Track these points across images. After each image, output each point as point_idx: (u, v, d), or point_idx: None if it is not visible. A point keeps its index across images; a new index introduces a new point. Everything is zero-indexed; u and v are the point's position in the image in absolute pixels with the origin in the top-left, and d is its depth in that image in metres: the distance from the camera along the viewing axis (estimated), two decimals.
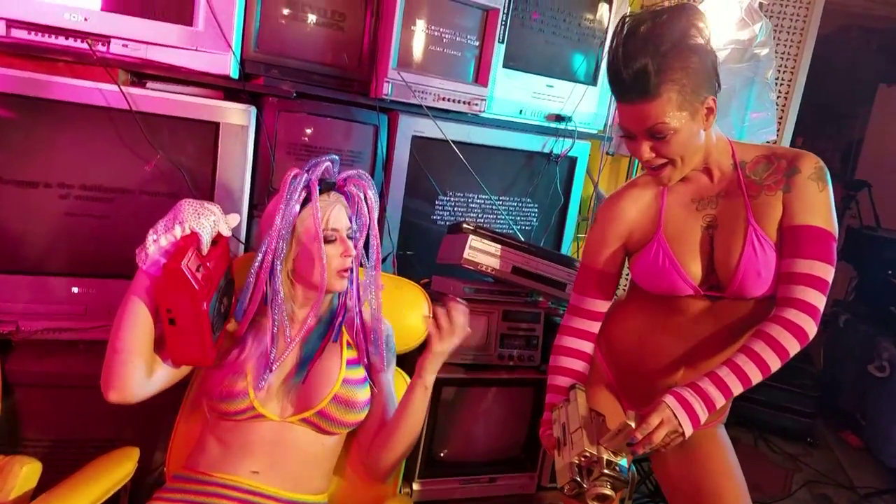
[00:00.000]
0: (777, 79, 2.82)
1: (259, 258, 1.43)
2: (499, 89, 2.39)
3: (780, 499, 3.05)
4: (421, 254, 2.38)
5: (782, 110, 2.89)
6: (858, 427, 3.68)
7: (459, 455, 2.10)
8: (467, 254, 2.00)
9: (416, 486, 2.02)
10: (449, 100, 2.27)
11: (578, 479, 1.29)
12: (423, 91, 2.21)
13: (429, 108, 2.23)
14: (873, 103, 5.32)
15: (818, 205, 1.38)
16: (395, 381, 1.65)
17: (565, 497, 1.34)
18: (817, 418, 3.67)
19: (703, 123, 1.37)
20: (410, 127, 2.26)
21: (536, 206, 2.60)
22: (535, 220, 2.61)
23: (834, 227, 1.39)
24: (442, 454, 2.06)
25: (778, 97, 2.81)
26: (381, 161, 2.26)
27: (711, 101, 1.36)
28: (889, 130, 5.17)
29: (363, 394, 1.50)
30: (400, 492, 1.76)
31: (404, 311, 1.78)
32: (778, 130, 2.80)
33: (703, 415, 1.33)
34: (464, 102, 2.30)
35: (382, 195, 2.21)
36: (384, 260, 2.19)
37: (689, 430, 1.32)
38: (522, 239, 2.21)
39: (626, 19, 1.33)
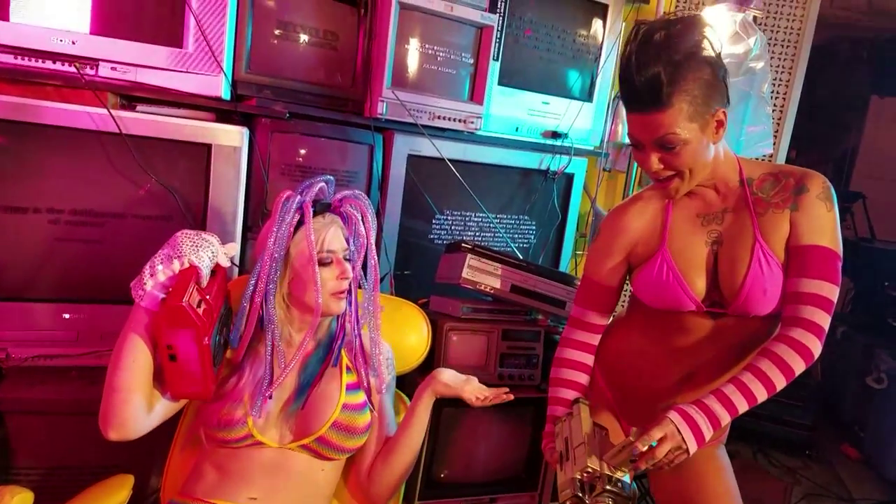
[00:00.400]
0: (772, 92, 2.83)
1: (252, 283, 1.41)
2: (494, 107, 2.39)
3: None
4: (419, 273, 2.37)
5: (778, 123, 2.89)
6: (857, 439, 3.66)
7: (460, 476, 2.07)
8: (466, 273, 1.98)
9: None
10: (444, 118, 2.26)
11: (580, 495, 1.29)
12: (419, 110, 2.20)
13: (424, 126, 2.22)
14: (866, 115, 5.34)
15: (826, 225, 1.39)
16: (395, 404, 1.63)
17: None
18: (816, 431, 3.64)
19: (712, 136, 1.37)
20: (406, 146, 2.25)
21: (534, 223, 2.59)
22: (532, 237, 2.60)
23: (840, 248, 1.39)
24: (442, 475, 2.04)
25: (773, 110, 2.81)
26: (377, 180, 2.25)
27: (722, 114, 1.36)
28: (882, 142, 5.19)
29: (363, 419, 1.48)
30: None
31: (403, 332, 1.76)
32: (774, 143, 2.80)
33: (707, 432, 1.32)
34: (459, 120, 2.29)
35: (379, 215, 2.19)
36: (381, 280, 2.17)
37: (693, 446, 1.31)
38: (521, 257, 2.19)
39: (640, 27, 1.32)
